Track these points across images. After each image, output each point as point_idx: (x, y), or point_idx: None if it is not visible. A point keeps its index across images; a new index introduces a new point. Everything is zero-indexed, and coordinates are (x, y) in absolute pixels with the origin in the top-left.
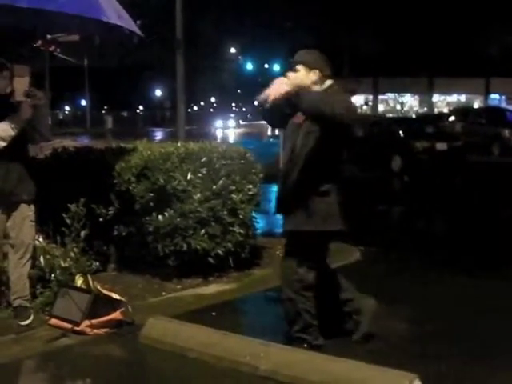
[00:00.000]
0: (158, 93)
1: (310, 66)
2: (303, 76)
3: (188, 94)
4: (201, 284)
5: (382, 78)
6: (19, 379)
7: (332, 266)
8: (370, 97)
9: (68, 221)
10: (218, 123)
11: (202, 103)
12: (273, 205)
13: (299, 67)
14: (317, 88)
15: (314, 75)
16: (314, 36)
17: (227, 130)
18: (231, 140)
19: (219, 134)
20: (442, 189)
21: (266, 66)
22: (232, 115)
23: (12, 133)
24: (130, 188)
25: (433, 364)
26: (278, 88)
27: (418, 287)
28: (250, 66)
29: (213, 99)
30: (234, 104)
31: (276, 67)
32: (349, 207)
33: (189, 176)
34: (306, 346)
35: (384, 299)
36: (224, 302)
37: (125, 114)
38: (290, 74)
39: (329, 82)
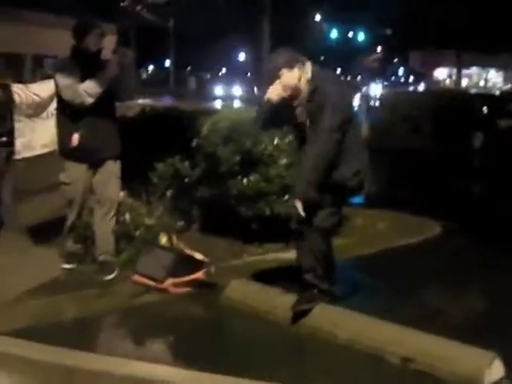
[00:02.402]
0: (242, 57)
1: (289, 66)
2: (289, 77)
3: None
4: (282, 249)
5: (466, 51)
6: (100, 333)
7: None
8: (454, 71)
9: (154, 179)
10: None
11: None
12: None
13: (282, 71)
14: (303, 80)
15: (297, 71)
16: (401, 6)
17: None
18: None
19: None
20: None
21: (350, 34)
22: None
23: (99, 90)
24: (217, 150)
25: None
26: (273, 93)
27: (498, 264)
28: (334, 34)
29: None
30: None
31: (360, 36)
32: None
33: (276, 141)
34: (315, 291)
35: (462, 275)
36: None
37: (207, 76)
38: (278, 82)
39: (309, 70)
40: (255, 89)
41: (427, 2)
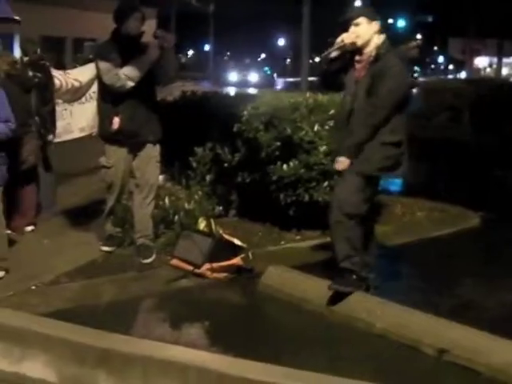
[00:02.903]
0: (281, 42)
1: (370, 18)
2: (366, 28)
3: (311, 46)
4: (320, 236)
5: (507, 40)
6: (137, 316)
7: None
8: (494, 59)
9: (194, 164)
10: None
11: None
12: None
13: (360, 19)
14: (375, 39)
15: (375, 26)
16: None
17: None
18: None
19: None
20: None
21: (391, 21)
22: None
23: (139, 73)
24: (257, 136)
25: None
26: (348, 37)
27: None
28: None
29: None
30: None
31: (401, 23)
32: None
33: (316, 127)
34: (354, 277)
35: (499, 267)
36: None
37: (247, 61)
38: (353, 29)
39: (382, 37)
40: (275, 75)
41: None
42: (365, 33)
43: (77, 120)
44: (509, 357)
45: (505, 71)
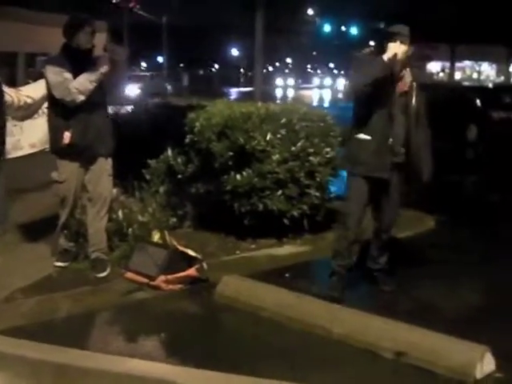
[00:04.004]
0: (235, 52)
1: (408, 42)
2: (406, 49)
3: (264, 55)
4: (275, 245)
5: (459, 44)
6: (93, 331)
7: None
8: (447, 64)
9: (147, 176)
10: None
11: (277, 64)
12: None
13: (405, 40)
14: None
15: (409, 50)
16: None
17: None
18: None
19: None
20: None
21: (343, 28)
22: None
23: (90, 87)
24: (210, 146)
25: (503, 337)
26: (399, 49)
27: (490, 259)
28: (327, 29)
29: (288, 60)
30: (309, 66)
31: (353, 30)
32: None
33: (268, 136)
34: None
35: (454, 269)
36: (297, 263)
37: (200, 72)
38: (403, 47)
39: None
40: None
41: None
42: (406, 51)
43: (27, 136)
44: (466, 357)
45: (457, 75)
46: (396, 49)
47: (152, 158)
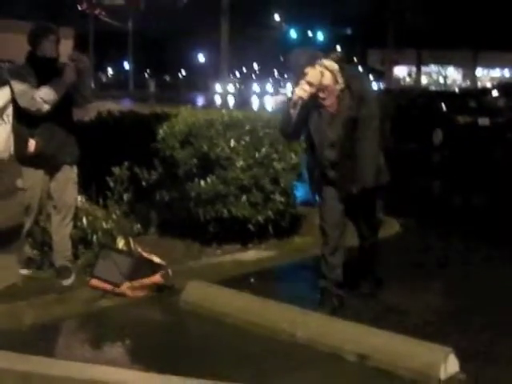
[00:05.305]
0: (201, 58)
1: (311, 63)
2: (313, 74)
3: (231, 61)
4: (240, 250)
5: (425, 49)
6: (58, 338)
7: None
8: (413, 68)
9: (111, 184)
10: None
11: (244, 69)
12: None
13: (307, 69)
14: (329, 67)
15: (318, 67)
16: (359, 6)
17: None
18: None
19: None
20: (481, 164)
21: (310, 34)
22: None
23: (55, 96)
24: (174, 154)
25: (467, 338)
26: (301, 91)
27: (455, 261)
28: (293, 34)
29: (255, 66)
30: (276, 71)
31: (320, 36)
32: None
33: (232, 143)
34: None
35: (420, 272)
36: (262, 269)
37: (167, 78)
38: (303, 81)
39: (326, 61)
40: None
41: (381, 1)
42: (315, 77)
43: None
44: (430, 359)
45: (424, 80)
46: (298, 92)
47: (116, 165)
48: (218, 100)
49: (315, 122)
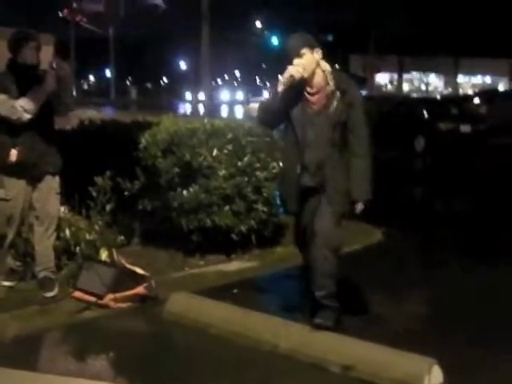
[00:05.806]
0: (183, 65)
1: (311, 47)
2: (310, 58)
3: (212, 67)
4: (223, 261)
5: (407, 56)
6: (41, 351)
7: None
8: (395, 75)
9: (94, 194)
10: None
11: (225, 76)
12: None
13: (304, 50)
14: (322, 65)
15: (317, 54)
16: (340, 12)
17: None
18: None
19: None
20: (463, 171)
21: None
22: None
23: (36, 105)
24: (156, 163)
25: (451, 348)
26: (295, 69)
27: (438, 270)
28: (275, 41)
29: (237, 73)
30: (257, 78)
31: None
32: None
33: (214, 152)
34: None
35: (403, 281)
36: (246, 279)
37: (149, 85)
38: (298, 61)
39: (327, 66)
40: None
41: (367, 7)
42: (310, 63)
43: None
44: (414, 370)
45: (406, 87)
46: (292, 69)
47: (98, 175)
48: (188, 109)
49: (297, 118)
